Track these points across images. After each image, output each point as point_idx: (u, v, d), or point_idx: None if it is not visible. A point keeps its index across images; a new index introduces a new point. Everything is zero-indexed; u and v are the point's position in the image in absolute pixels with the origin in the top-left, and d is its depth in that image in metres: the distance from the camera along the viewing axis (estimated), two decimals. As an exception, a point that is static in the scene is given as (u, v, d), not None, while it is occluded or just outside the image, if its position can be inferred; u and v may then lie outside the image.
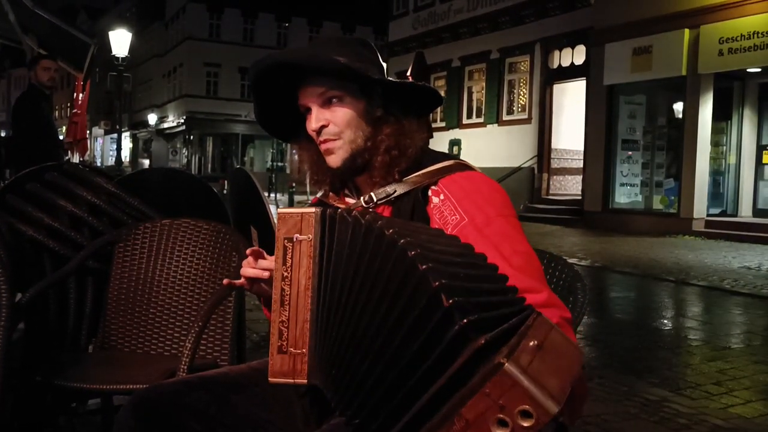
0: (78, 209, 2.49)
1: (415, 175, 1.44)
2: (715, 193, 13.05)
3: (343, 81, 1.42)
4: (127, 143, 44.84)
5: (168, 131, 42.01)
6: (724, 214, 12.98)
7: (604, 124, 13.97)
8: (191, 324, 2.04)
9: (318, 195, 1.57)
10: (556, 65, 16.44)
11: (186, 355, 1.83)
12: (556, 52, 16.38)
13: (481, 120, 18.62)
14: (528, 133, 16.99)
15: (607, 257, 9.53)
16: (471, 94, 19.33)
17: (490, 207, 1.36)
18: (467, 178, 1.42)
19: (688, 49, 12.18)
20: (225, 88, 39.30)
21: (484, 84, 18.59)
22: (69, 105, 26.42)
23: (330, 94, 1.43)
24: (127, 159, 41.96)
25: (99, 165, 41.71)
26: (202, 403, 1.36)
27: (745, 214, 13.02)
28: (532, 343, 0.85)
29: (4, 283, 1.90)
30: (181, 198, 2.91)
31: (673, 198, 12.88)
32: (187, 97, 39.13)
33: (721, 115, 12.79)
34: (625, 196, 14.04)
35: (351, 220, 1.11)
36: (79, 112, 8.34)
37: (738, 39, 11.41)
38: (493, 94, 18.17)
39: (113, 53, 17.04)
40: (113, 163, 29.54)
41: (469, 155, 16.75)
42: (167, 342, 2.33)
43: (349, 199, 1.52)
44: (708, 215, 12.45)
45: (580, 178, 15.59)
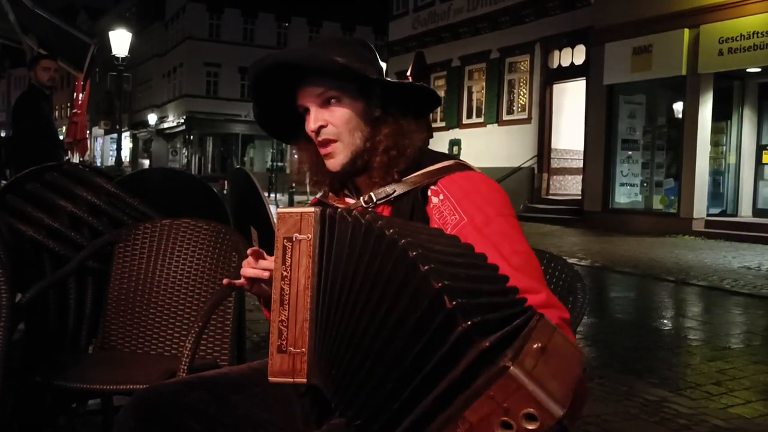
0: (78, 209, 2.48)
1: (415, 175, 1.44)
2: (715, 193, 13.05)
3: (341, 81, 1.42)
4: (127, 143, 44.79)
5: (168, 131, 41.99)
6: (724, 213, 12.98)
7: (604, 123, 13.97)
8: (191, 324, 2.04)
9: (318, 195, 1.57)
10: (556, 65, 16.44)
11: (186, 355, 1.83)
12: (556, 52, 16.38)
13: (481, 120, 18.62)
14: (528, 132, 16.99)
15: (607, 257, 9.53)
16: (471, 93, 19.33)
17: (490, 207, 1.36)
18: (466, 178, 1.42)
19: (688, 48, 12.19)
20: (225, 88, 39.27)
21: (484, 84, 18.59)
22: (69, 105, 26.49)
23: (328, 95, 1.43)
24: (127, 159, 41.93)
25: (99, 165, 41.73)
26: (202, 403, 1.36)
27: (745, 214, 13.02)
28: (536, 345, 0.84)
29: (4, 283, 1.90)
30: (181, 198, 2.91)
31: (673, 198, 12.88)
32: (187, 97, 39.12)
33: (721, 114, 12.79)
34: (625, 196, 14.04)
35: (351, 219, 1.10)
36: (79, 112, 8.33)
37: (738, 39, 11.42)
38: (493, 94, 18.17)
39: (113, 53, 17.03)
40: (113, 163, 29.51)
41: (469, 155, 16.78)
42: (167, 342, 2.33)
43: (348, 200, 1.52)
44: (708, 215, 12.45)
45: (580, 178, 15.59)
